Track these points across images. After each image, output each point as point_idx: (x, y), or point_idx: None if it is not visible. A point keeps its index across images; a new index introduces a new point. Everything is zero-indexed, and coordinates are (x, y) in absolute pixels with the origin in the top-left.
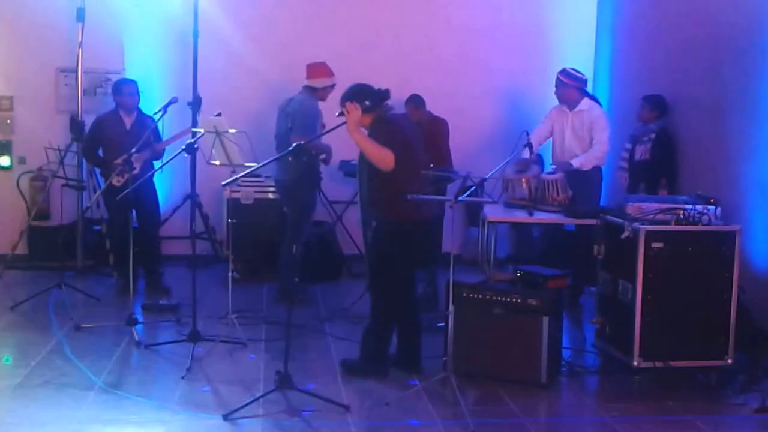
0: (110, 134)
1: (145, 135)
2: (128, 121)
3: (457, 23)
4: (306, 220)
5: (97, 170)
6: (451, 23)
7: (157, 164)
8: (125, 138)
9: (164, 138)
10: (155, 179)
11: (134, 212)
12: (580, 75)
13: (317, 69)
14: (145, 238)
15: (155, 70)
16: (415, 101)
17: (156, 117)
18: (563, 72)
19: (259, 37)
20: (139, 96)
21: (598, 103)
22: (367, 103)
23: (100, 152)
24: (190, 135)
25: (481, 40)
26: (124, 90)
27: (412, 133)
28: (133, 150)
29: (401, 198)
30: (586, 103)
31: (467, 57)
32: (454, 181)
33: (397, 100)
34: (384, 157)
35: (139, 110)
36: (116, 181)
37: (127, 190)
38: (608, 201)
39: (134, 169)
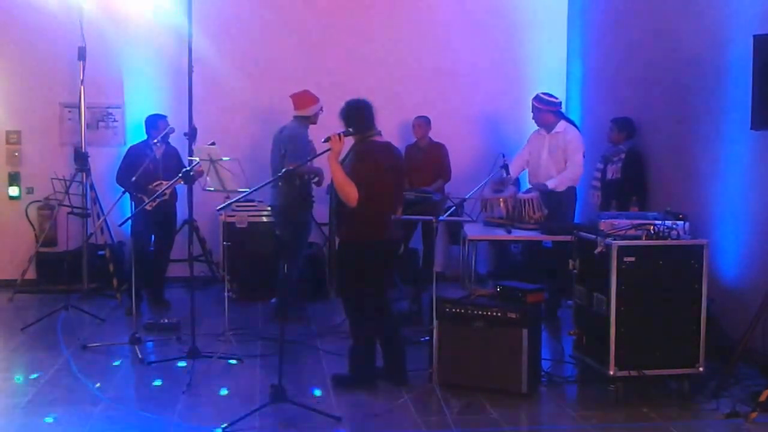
0: (143, 163)
1: (174, 164)
2: (159, 151)
3: (437, 52)
4: (303, 242)
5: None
6: (431, 52)
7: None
8: (157, 166)
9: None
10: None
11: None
12: (553, 99)
13: (303, 98)
14: (158, 261)
15: (153, 103)
16: (427, 120)
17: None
18: (536, 98)
19: (249, 70)
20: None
21: (575, 125)
22: (351, 129)
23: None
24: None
25: (461, 68)
26: (160, 124)
27: (389, 163)
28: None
29: (361, 219)
30: (562, 125)
31: (446, 84)
32: (434, 202)
33: (385, 124)
34: (349, 195)
35: (167, 142)
36: (149, 206)
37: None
38: (582, 218)
39: (165, 195)
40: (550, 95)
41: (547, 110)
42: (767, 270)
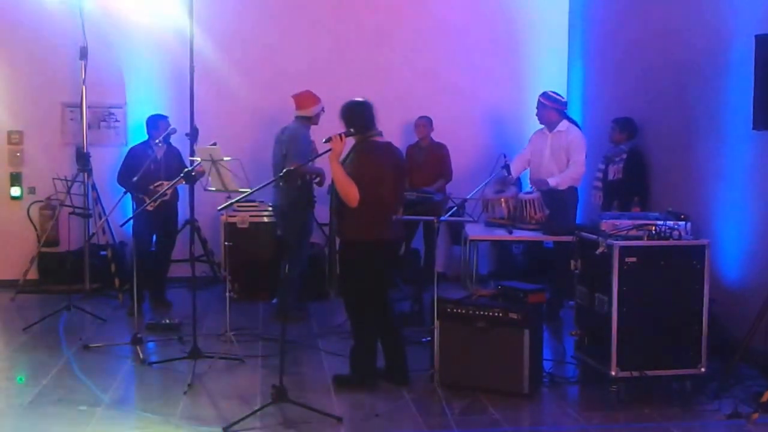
0: (144, 163)
1: (176, 164)
2: (160, 152)
3: (438, 53)
4: (304, 242)
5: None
6: (432, 53)
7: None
8: (158, 166)
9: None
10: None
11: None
12: (560, 98)
13: (305, 99)
14: (159, 261)
15: (154, 103)
16: (429, 120)
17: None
18: (544, 95)
19: (251, 70)
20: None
21: (578, 126)
22: (351, 130)
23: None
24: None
25: (462, 68)
26: (160, 125)
27: (390, 163)
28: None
29: (362, 218)
30: (564, 124)
31: (448, 84)
32: (435, 203)
33: (386, 124)
34: (350, 195)
35: (168, 142)
36: (150, 206)
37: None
38: (584, 219)
39: (166, 195)
40: (558, 94)
41: (552, 107)
42: None
